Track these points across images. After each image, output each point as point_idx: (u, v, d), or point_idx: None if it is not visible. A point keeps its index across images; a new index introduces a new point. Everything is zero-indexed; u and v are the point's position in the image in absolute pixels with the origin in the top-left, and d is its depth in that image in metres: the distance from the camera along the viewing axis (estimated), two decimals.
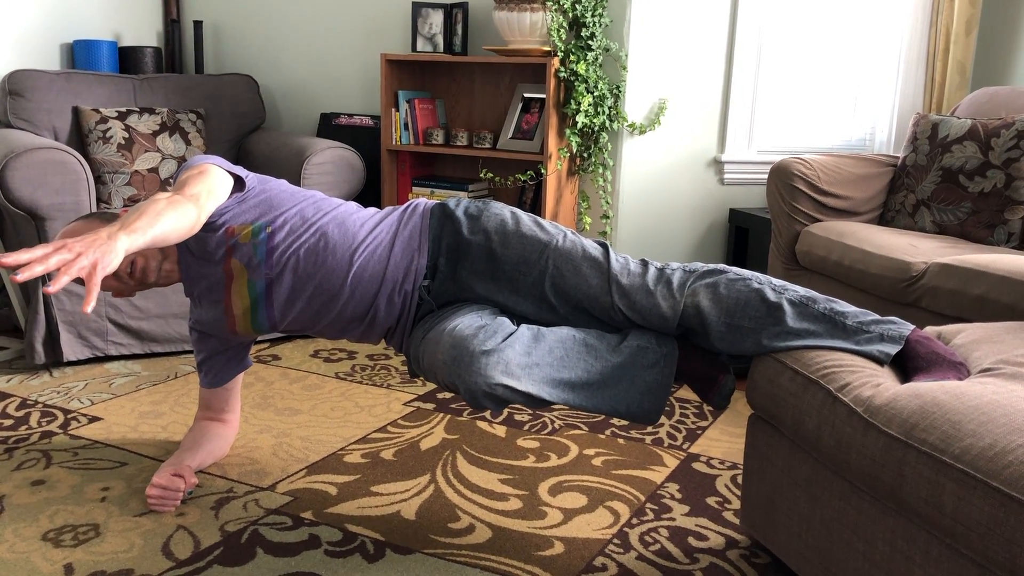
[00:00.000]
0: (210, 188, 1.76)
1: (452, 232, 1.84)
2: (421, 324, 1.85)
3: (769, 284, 1.70)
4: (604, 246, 1.81)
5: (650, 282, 1.74)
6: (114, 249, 1.43)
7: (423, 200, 1.93)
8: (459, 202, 1.89)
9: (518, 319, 1.83)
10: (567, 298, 1.77)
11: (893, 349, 1.58)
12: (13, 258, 1.33)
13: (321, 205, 1.90)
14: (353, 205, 1.95)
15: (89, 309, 1.34)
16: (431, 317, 1.84)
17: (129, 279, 1.88)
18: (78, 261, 1.37)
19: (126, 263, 1.86)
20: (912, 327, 1.64)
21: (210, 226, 1.87)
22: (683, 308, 1.70)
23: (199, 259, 1.89)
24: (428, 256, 1.84)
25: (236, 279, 1.86)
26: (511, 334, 1.65)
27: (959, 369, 1.52)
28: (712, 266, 1.76)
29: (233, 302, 1.88)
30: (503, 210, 1.86)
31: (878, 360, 1.57)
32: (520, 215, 1.85)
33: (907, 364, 1.57)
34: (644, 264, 1.78)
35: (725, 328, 1.67)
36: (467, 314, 1.74)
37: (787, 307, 1.65)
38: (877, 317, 1.64)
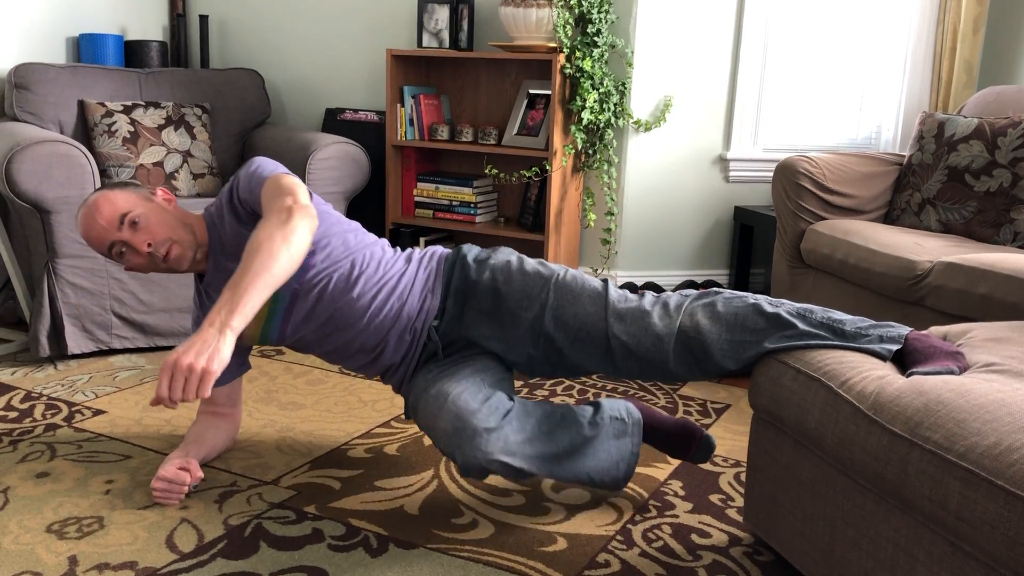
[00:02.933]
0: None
1: (461, 276, 1.92)
2: (424, 371, 1.90)
3: (765, 299, 1.75)
4: (604, 281, 1.88)
5: (646, 304, 1.80)
6: (220, 354, 1.56)
7: (439, 248, 2.02)
8: (471, 248, 1.97)
9: (513, 371, 1.93)
10: (567, 329, 1.82)
11: (894, 346, 1.60)
12: (156, 405, 1.56)
13: (361, 237, 1.96)
14: (384, 242, 2.01)
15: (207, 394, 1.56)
16: (435, 368, 1.88)
17: (162, 263, 1.89)
18: (192, 380, 1.54)
19: (163, 248, 1.87)
20: (910, 329, 1.65)
21: (245, 223, 1.89)
22: (680, 327, 1.74)
23: (231, 258, 1.91)
24: (440, 299, 1.92)
25: None
26: (508, 411, 1.74)
27: (957, 358, 1.54)
28: (707, 290, 1.82)
29: None
30: (510, 254, 1.94)
31: (880, 356, 1.58)
32: (525, 258, 1.93)
33: (906, 360, 1.58)
34: (642, 294, 1.85)
35: (727, 345, 1.71)
36: (469, 379, 1.80)
37: (785, 316, 1.69)
38: (874, 322, 1.68)
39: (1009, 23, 3.46)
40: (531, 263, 1.91)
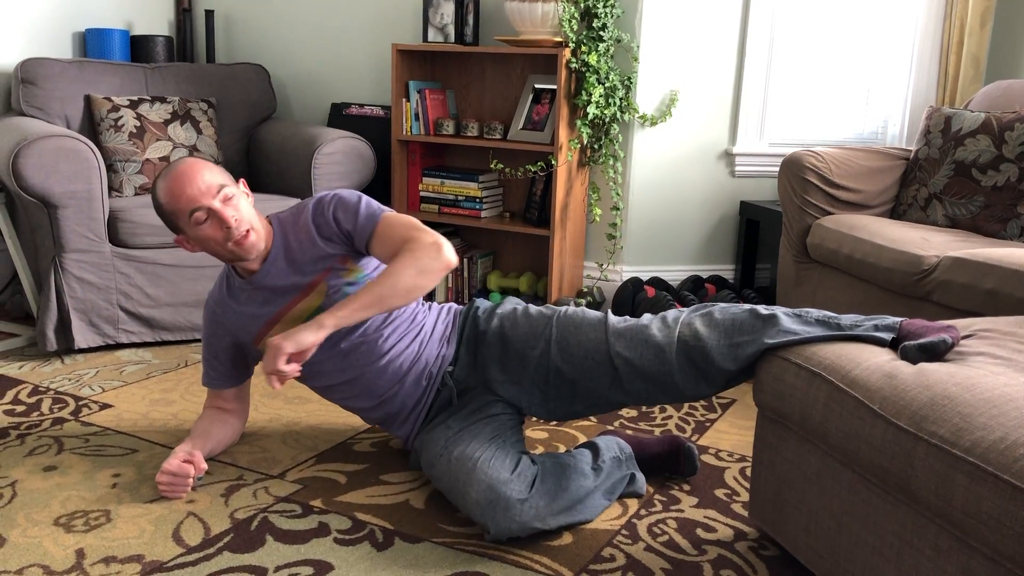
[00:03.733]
0: None
1: (473, 326, 2.03)
2: (442, 426, 1.92)
3: (761, 305, 1.78)
4: (605, 313, 1.93)
5: (644, 320, 1.86)
6: (296, 336, 1.76)
7: (454, 304, 2.13)
8: (482, 302, 2.09)
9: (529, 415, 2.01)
10: (572, 359, 1.87)
11: (891, 333, 1.62)
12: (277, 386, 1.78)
13: None
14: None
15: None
16: (454, 424, 1.91)
17: (232, 244, 1.88)
18: (268, 354, 1.77)
19: (244, 229, 1.88)
20: (904, 318, 1.68)
21: (331, 241, 1.94)
22: (680, 337, 1.78)
23: (292, 264, 1.94)
24: (455, 348, 2.02)
25: (310, 298, 1.93)
26: (535, 477, 1.78)
27: (949, 330, 1.57)
28: (704, 303, 1.87)
29: (289, 313, 1.94)
30: (516, 303, 2.05)
31: (879, 342, 1.59)
32: (529, 306, 2.02)
33: (902, 344, 1.59)
34: (640, 316, 1.90)
35: (727, 348, 1.73)
36: (492, 442, 1.84)
37: (782, 315, 1.72)
38: (868, 316, 1.70)
39: (1016, 17, 3.45)
40: (534, 308, 2.00)
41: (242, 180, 2.00)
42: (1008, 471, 1.15)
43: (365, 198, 1.96)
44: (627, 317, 1.90)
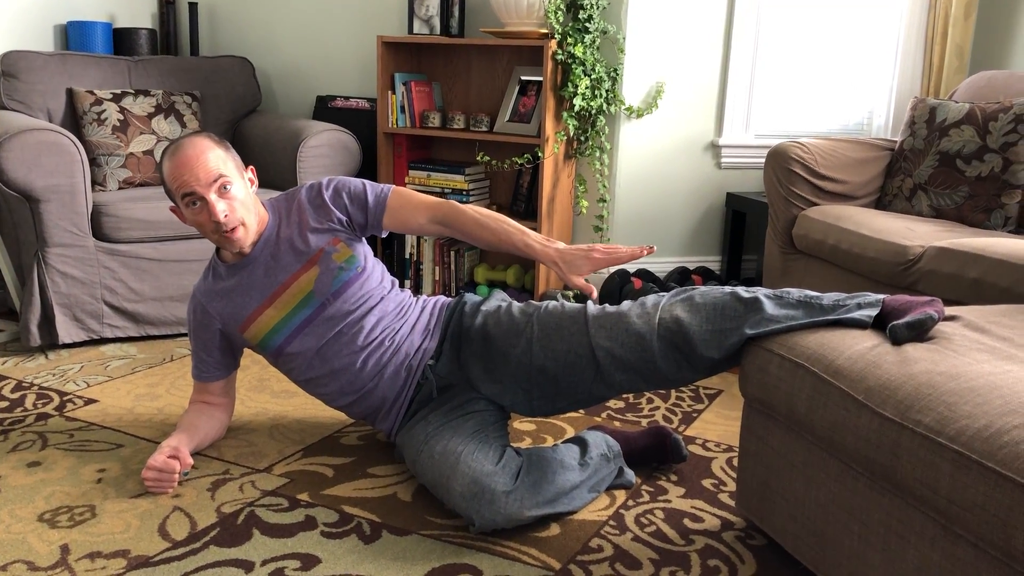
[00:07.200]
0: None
1: (458, 322, 2.03)
2: (422, 421, 1.92)
3: (742, 287, 1.76)
4: (584, 304, 1.92)
5: (623, 308, 1.84)
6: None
7: (443, 297, 2.13)
8: (470, 297, 2.09)
9: (512, 411, 1.99)
10: (555, 356, 1.86)
11: (874, 310, 1.61)
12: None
13: (387, 276, 2.08)
14: (397, 285, 2.10)
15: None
16: (435, 419, 1.90)
17: (216, 234, 1.90)
18: (592, 254, 1.90)
19: (232, 225, 1.89)
20: (886, 295, 1.68)
21: (329, 220, 1.97)
22: (660, 322, 1.75)
23: (281, 245, 1.96)
24: (438, 342, 2.01)
25: (301, 280, 1.94)
26: (519, 468, 1.78)
27: (933, 304, 1.57)
28: (684, 287, 1.85)
29: (281, 296, 1.94)
30: (501, 300, 2.07)
31: (862, 324, 1.59)
32: (513, 303, 2.02)
33: (886, 322, 1.60)
34: (620, 303, 1.89)
35: (709, 335, 1.71)
36: (475, 437, 1.83)
37: (763, 299, 1.70)
38: (850, 294, 1.69)
39: (1000, 8, 3.46)
40: (517, 305, 2.00)
41: (251, 167, 2.01)
42: (992, 459, 1.15)
43: (364, 180, 2.03)
44: (606, 306, 1.88)
